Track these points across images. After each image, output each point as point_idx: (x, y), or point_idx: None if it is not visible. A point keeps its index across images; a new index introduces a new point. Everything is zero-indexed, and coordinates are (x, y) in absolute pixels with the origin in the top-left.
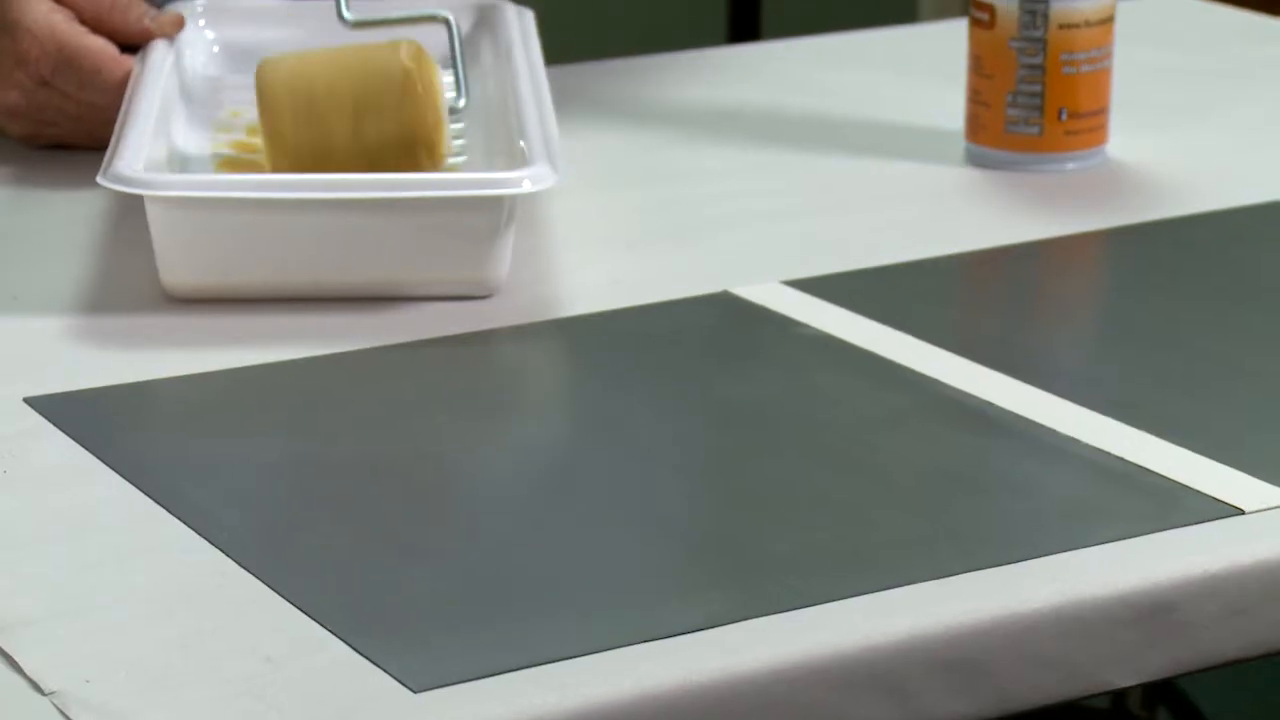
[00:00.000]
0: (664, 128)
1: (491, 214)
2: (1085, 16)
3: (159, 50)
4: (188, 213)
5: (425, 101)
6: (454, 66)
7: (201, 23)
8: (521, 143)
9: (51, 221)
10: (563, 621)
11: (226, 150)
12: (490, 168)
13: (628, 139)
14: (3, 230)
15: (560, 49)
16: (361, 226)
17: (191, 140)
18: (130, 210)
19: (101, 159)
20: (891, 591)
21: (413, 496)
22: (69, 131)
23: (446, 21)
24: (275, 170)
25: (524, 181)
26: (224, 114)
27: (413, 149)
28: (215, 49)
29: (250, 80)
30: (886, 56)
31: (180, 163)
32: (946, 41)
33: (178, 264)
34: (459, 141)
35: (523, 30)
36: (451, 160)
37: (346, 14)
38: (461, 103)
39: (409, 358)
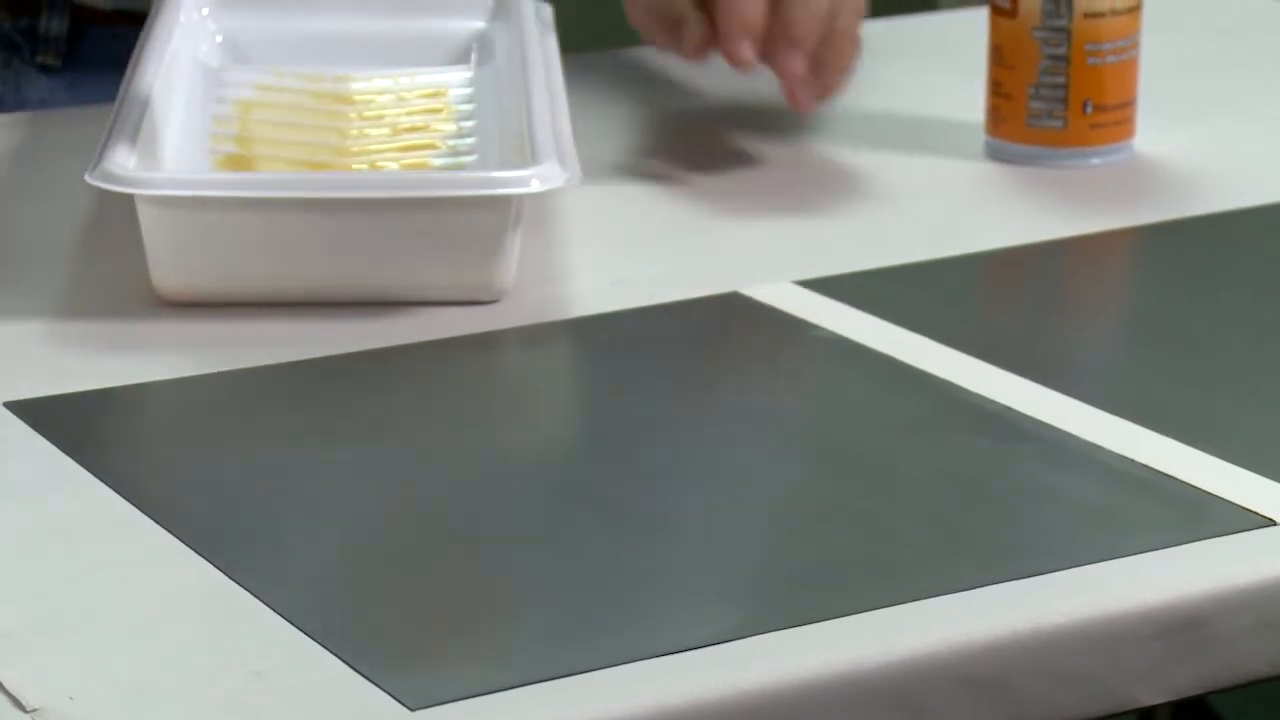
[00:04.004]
0: (672, 119)
1: (498, 215)
2: (1111, 4)
3: (157, 40)
4: (181, 212)
5: None
6: None
7: (205, 11)
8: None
9: (38, 220)
10: (567, 637)
11: (225, 147)
12: (501, 166)
13: (634, 131)
14: None
15: (566, 39)
16: (362, 227)
17: (189, 136)
18: (120, 209)
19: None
20: (907, 605)
21: (412, 506)
22: None
23: None
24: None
25: (532, 180)
26: (225, 108)
27: None
28: (218, 38)
29: (253, 72)
30: (904, 46)
31: (175, 160)
32: (966, 31)
33: (170, 266)
34: (469, 140)
35: (540, 24)
36: (461, 159)
37: None
38: None
39: (410, 362)
